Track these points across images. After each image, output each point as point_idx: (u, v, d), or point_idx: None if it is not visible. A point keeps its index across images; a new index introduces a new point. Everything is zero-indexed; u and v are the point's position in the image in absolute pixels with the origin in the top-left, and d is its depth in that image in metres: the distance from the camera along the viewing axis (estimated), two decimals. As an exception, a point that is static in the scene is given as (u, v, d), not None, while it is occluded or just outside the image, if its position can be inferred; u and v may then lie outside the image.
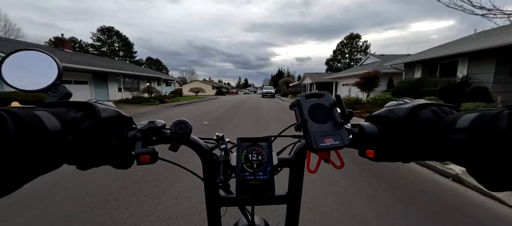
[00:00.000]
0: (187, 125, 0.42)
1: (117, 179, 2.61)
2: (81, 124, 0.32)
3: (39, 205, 2.06)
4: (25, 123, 0.23)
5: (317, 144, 0.36)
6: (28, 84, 0.39)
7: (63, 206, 2.06)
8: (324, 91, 0.43)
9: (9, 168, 0.22)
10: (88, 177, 2.62)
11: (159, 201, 2.17)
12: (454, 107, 0.37)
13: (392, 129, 0.38)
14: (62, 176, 2.64)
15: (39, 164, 0.26)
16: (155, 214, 1.97)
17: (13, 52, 0.39)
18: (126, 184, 2.50)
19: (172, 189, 2.43)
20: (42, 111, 0.27)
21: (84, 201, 2.13)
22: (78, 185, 2.46)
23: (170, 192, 2.35)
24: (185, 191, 2.37)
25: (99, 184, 2.50)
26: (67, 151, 0.29)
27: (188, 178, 2.63)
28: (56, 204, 2.08)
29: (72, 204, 2.08)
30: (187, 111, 10.65)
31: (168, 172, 2.82)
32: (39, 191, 2.28)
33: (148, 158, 0.39)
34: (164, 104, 14.49)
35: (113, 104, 0.41)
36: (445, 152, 0.32)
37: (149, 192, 2.35)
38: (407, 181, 2.78)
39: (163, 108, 12.33)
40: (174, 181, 2.60)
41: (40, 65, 0.40)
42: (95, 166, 0.35)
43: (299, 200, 0.51)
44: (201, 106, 13.64)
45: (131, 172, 2.69)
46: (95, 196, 2.23)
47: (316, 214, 2.03)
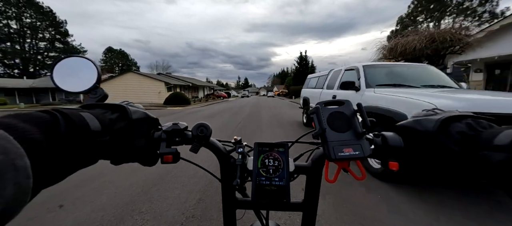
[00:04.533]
0: (208, 128, 0.43)
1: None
2: (116, 125, 0.34)
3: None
4: (73, 122, 0.26)
5: (335, 154, 0.36)
6: (74, 87, 0.43)
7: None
8: (345, 99, 0.42)
9: (58, 160, 0.25)
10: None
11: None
12: (493, 121, 0.33)
13: (419, 142, 0.36)
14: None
15: (81, 158, 0.28)
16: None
17: (61, 59, 0.43)
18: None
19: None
20: (86, 113, 0.30)
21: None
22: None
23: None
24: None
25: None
26: (104, 148, 0.32)
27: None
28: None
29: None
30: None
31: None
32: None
33: (171, 157, 0.41)
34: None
35: (142, 106, 0.43)
36: (479, 172, 0.29)
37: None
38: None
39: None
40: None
41: (83, 70, 0.44)
42: (125, 162, 0.37)
43: (315, 209, 0.50)
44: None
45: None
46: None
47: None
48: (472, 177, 0.31)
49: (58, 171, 0.25)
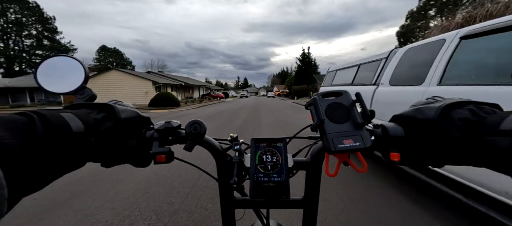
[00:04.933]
0: (202, 125, 0.42)
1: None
2: (102, 125, 0.33)
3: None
4: (51, 124, 0.25)
5: (334, 145, 0.34)
6: (59, 88, 0.41)
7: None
8: (343, 90, 0.40)
9: (37, 166, 0.23)
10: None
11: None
12: (497, 106, 0.32)
13: (420, 131, 0.35)
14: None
15: (64, 162, 0.27)
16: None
17: (45, 58, 0.41)
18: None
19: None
20: (67, 113, 0.29)
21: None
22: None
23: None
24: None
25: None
26: (90, 150, 0.30)
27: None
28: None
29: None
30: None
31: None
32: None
33: (164, 157, 0.40)
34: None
35: (132, 105, 0.42)
36: (484, 158, 0.28)
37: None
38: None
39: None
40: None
41: (69, 70, 0.42)
42: (116, 164, 0.36)
43: (316, 205, 0.49)
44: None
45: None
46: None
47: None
48: (476, 162, 0.30)
49: (39, 176, 0.24)
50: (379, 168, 2.99)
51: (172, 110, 14.88)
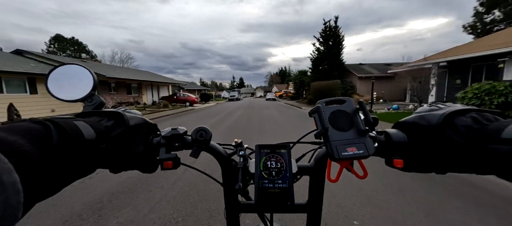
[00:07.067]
0: (207, 132, 0.42)
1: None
2: (112, 132, 0.34)
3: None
4: (65, 132, 0.26)
5: (338, 153, 0.34)
6: (69, 95, 0.42)
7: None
8: (346, 97, 0.41)
9: (52, 172, 0.24)
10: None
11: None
12: (499, 114, 0.32)
13: (424, 137, 0.35)
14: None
15: (76, 169, 0.27)
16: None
17: (56, 67, 0.42)
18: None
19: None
20: (80, 121, 0.30)
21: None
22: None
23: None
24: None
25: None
26: (100, 157, 0.31)
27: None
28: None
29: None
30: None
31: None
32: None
33: (171, 163, 0.40)
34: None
35: (139, 112, 0.42)
36: (487, 165, 0.29)
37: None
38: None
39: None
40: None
41: (78, 78, 0.43)
42: (124, 170, 0.37)
43: (320, 210, 0.49)
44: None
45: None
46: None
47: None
48: (478, 169, 0.31)
49: (53, 183, 0.25)
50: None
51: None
